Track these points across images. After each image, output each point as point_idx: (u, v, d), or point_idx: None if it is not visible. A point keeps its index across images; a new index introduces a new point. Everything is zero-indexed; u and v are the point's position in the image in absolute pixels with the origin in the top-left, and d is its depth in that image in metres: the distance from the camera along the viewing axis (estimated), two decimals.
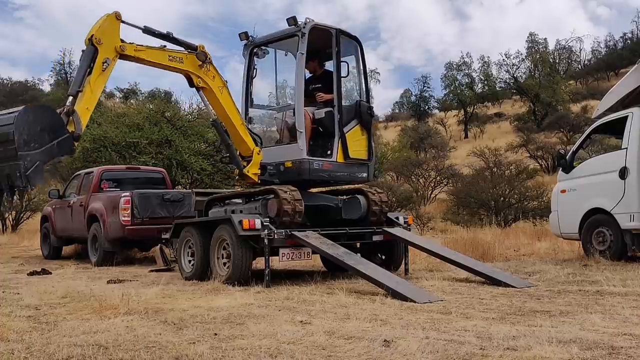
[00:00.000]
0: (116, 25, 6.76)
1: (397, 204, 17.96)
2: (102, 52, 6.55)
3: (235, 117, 7.58)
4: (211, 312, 4.97)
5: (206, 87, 7.44)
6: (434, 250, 7.36)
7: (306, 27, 7.35)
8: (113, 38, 6.70)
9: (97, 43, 6.52)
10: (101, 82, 6.61)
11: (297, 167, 7.40)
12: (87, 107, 6.44)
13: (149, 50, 7.13)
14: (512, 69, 46.42)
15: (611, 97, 8.95)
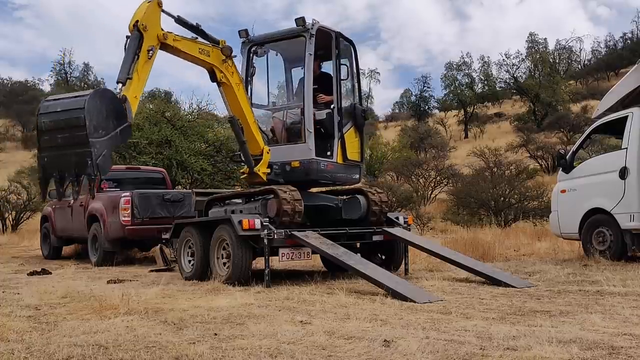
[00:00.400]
0: (158, 14, 6.65)
1: (397, 204, 17.95)
2: (147, 39, 6.41)
3: (249, 114, 7.53)
4: (211, 312, 4.97)
5: (226, 83, 7.35)
6: (434, 250, 7.36)
7: (314, 28, 7.40)
8: (156, 26, 6.58)
9: (144, 29, 6.38)
10: (147, 69, 6.46)
11: (306, 167, 7.45)
12: (135, 95, 6.30)
13: (184, 41, 6.98)
14: (512, 69, 46.40)
15: (611, 97, 8.95)
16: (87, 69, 55.27)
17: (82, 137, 5.66)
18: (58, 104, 5.88)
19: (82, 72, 54.51)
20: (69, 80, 51.25)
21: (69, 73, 51.93)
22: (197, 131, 18.37)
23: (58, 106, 5.83)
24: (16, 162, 36.41)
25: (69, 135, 5.68)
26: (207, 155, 17.95)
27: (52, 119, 5.84)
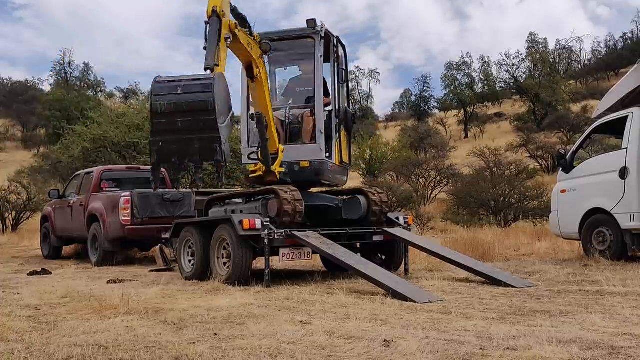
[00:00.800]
0: (229, 2, 6.52)
1: (397, 204, 17.95)
2: (224, 26, 6.21)
3: (271, 112, 7.45)
4: (211, 312, 4.97)
5: (258, 79, 7.23)
6: (434, 250, 7.36)
7: (322, 31, 7.48)
8: (228, 14, 6.45)
9: (223, 16, 6.18)
10: (225, 56, 6.23)
11: (316, 168, 7.52)
12: None
13: (242, 32, 6.78)
14: (512, 69, 46.42)
15: (611, 97, 8.95)
16: (87, 69, 55.28)
17: (210, 122, 5.33)
18: (177, 86, 5.46)
19: (82, 72, 54.52)
20: (69, 80, 51.22)
21: (69, 73, 51.91)
22: None
23: (178, 88, 5.42)
24: (16, 162, 36.44)
25: (191, 119, 5.33)
26: None
27: (171, 100, 5.39)
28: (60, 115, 38.41)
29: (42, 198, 18.40)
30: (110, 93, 57.99)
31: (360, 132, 34.41)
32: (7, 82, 59.71)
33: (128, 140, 17.24)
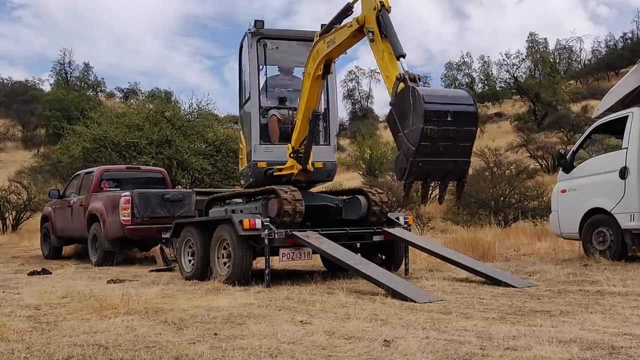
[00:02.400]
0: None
1: (397, 204, 17.94)
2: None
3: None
4: (211, 312, 4.97)
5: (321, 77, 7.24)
6: (434, 250, 7.36)
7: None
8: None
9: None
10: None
11: (329, 169, 7.86)
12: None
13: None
14: (512, 68, 46.41)
15: (611, 97, 8.95)
16: (87, 69, 55.28)
17: (466, 148, 5.56)
18: (447, 112, 5.39)
19: (82, 72, 54.52)
20: (69, 80, 51.23)
21: (69, 73, 51.91)
22: (197, 131, 18.40)
23: (447, 114, 5.38)
24: (16, 162, 36.43)
25: (452, 144, 5.43)
26: (207, 155, 17.97)
27: (441, 127, 5.37)
28: (60, 115, 38.38)
29: (42, 198, 18.42)
30: (110, 93, 58.01)
31: (360, 132, 34.40)
32: (7, 82, 59.72)
33: (128, 140, 17.23)
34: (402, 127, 5.46)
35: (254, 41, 7.84)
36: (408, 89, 5.37)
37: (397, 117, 5.54)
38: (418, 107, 5.24)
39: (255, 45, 7.83)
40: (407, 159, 5.42)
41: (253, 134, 7.78)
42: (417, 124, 5.27)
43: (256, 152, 7.73)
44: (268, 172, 7.67)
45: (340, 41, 6.68)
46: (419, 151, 5.37)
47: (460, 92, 5.70)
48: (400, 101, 5.48)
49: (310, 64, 7.15)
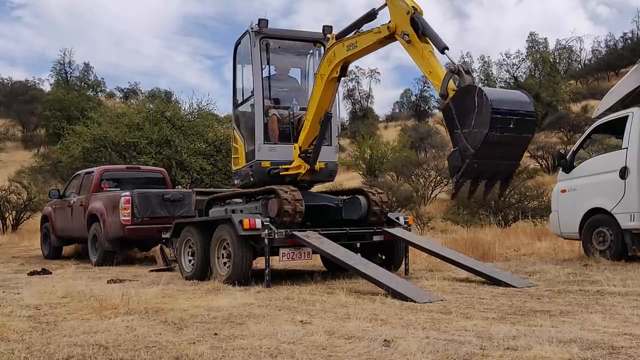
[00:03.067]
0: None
1: (397, 204, 17.94)
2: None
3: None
4: (211, 312, 4.97)
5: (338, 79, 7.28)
6: (434, 250, 7.36)
7: (333, 38, 7.54)
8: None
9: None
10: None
11: (330, 169, 7.89)
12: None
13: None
14: (512, 68, 46.39)
15: (611, 97, 8.94)
16: (87, 69, 55.24)
17: (518, 153, 5.67)
18: (510, 119, 5.38)
19: (82, 72, 54.48)
20: (69, 80, 51.20)
21: (69, 73, 51.88)
22: (197, 131, 18.39)
23: (511, 122, 5.38)
24: (16, 162, 36.41)
25: (504, 151, 5.51)
26: (206, 155, 17.97)
27: (503, 134, 5.41)
28: (60, 115, 38.35)
29: (42, 198, 18.41)
30: (110, 93, 57.99)
31: (360, 132, 34.41)
32: (7, 82, 59.64)
33: (128, 140, 17.24)
34: (462, 125, 5.43)
35: (257, 40, 7.79)
36: (474, 88, 5.36)
37: (456, 113, 5.49)
38: (485, 111, 5.22)
39: (258, 45, 7.79)
40: (462, 159, 5.45)
41: (257, 133, 7.72)
42: (481, 128, 5.27)
43: (260, 151, 7.70)
44: (272, 171, 7.65)
45: (364, 46, 6.73)
46: (477, 154, 5.41)
47: (522, 96, 5.65)
48: (462, 97, 5.43)
49: (325, 66, 7.14)
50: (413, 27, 5.99)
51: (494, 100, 5.24)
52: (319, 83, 7.24)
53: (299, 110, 8.12)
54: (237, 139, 8.25)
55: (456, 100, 5.50)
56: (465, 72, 5.55)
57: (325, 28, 7.91)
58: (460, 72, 5.54)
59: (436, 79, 5.77)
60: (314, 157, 7.51)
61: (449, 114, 5.57)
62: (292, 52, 8.42)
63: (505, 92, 5.50)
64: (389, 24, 6.26)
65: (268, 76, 7.96)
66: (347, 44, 6.87)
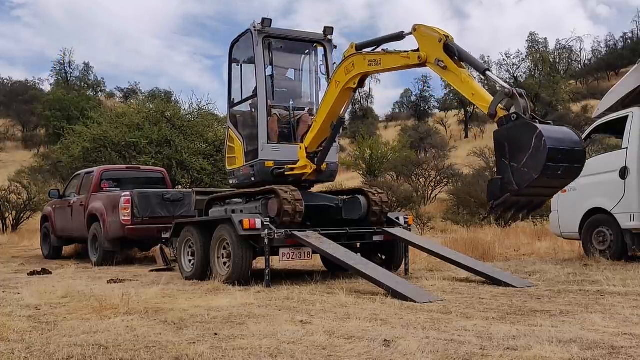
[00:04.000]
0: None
1: (397, 204, 17.95)
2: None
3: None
4: (211, 312, 4.97)
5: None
6: (434, 250, 7.36)
7: (333, 40, 7.71)
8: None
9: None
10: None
11: (332, 170, 7.92)
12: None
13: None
14: (513, 68, 46.41)
15: (611, 97, 8.94)
16: (87, 69, 55.24)
17: (556, 190, 5.83)
18: (561, 165, 5.32)
19: (82, 72, 54.49)
20: (69, 80, 51.21)
21: (69, 73, 51.89)
22: (197, 131, 18.39)
23: (560, 169, 5.31)
24: (16, 162, 36.43)
25: (545, 189, 5.57)
26: (207, 155, 17.97)
27: (550, 178, 5.39)
28: (60, 115, 38.36)
29: (42, 198, 18.42)
30: (110, 93, 57.98)
31: (360, 132, 34.41)
32: (7, 82, 59.63)
33: (128, 140, 17.24)
34: (512, 157, 5.36)
35: (260, 39, 7.74)
36: (535, 129, 5.21)
37: (508, 144, 5.41)
38: (539, 157, 5.15)
39: (261, 44, 7.75)
40: (503, 190, 5.43)
41: (260, 133, 7.68)
42: (531, 171, 5.23)
43: (264, 151, 7.68)
44: (275, 171, 7.65)
45: (388, 67, 6.78)
46: (520, 192, 5.44)
47: (578, 142, 5.51)
48: (519, 131, 5.31)
49: (341, 74, 7.11)
50: (447, 53, 6.00)
51: (551, 148, 5.14)
52: (333, 89, 7.22)
53: (297, 111, 8.12)
54: (233, 139, 8.21)
55: (512, 131, 5.37)
56: (520, 96, 5.46)
57: (326, 29, 8.00)
58: (515, 95, 5.44)
59: (480, 100, 5.76)
60: (322, 157, 7.55)
61: (501, 141, 5.49)
62: (292, 52, 8.41)
63: (561, 133, 5.38)
64: (420, 54, 6.23)
65: (271, 75, 7.96)
66: (369, 58, 6.83)
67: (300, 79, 8.52)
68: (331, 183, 9.44)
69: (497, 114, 5.51)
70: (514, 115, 5.38)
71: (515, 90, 5.49)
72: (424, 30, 6.25)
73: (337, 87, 7.16)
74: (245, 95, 8.16)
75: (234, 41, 8.26)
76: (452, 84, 6.18)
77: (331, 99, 7.24)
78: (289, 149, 7.73)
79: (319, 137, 7.50)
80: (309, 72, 8.38)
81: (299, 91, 8.49)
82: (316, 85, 8.32)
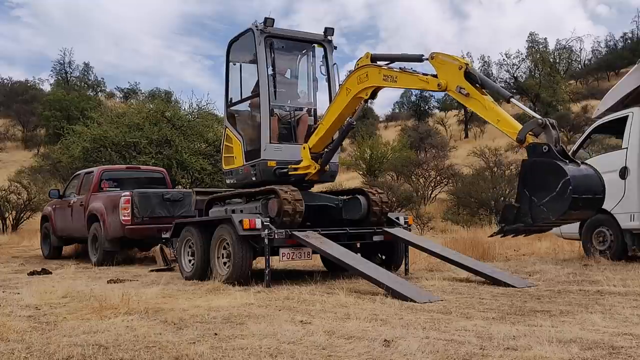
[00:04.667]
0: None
1: (397, 204, 17.95)
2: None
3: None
4: (211, 312, 4.97)
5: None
6: (434, 250, 7.36)
7: (333, 41, 7.70)
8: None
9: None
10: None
11: (332, 170, 7.92)
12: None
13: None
14: (513, 68, 46.40)
15: (611, 97, 8.95)
16: (87, 69, 55.23)
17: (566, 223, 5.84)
18: (579, 209, 5.38)
19: (82, 72, 54.48)
20: (69, 80, 51.21)
21: (69, 73, 51.90)
22: (197, 131, 18.40)
23: (577, 210, 5.37)
24: (16, 162, 36.41)
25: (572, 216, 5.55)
26: (207, 155, 17.97)
27: (565, 220, 5.54)
28: (60, 115, 38.36)
29: (42, 198, 18.41)
30: (110, 93, 57.98)
31: (360, 132, 34.41)
32: (7, 82, 59.62)
33: (128, 140, 17.25)
34: (533, 192, 5.33)
35: (262, 39, 7.71)
36: (564, 174, 5.16)
37: (534, 177, 5.38)
38: (562, 202, 5.14)
39: (263, 43, 7.71)
40: (517, 219, 5.43)
41: (263, 132, 7.65)
42: (550, 213, 5.24)
43: (266, 150, 7.66)
44: (278, 170, 7.65)
45: (403, 85, 6.78)
46: (534, 227, 5.53)
47: (600, 190, 5.54)
48: (547, 170, 5.25)
49: (353, 82, 7.07)
50: (468, 80, 5.96)
51: (575, 197, 5.12)
52: (344, 96, 7.19)
53: (297, 111, 8.12)
54: (231, 138, 8.19)
55: (541, 165, 5.33)
56: (552, 127, 5.45)
57: (327, 29, 8.01)
58: (547, 126, 5.42)
59: (507, 126, 5.75)
60: (327, 159, 7.56)
61: (528, 171, 5.46)
62: (292, 52, 8.41)
63: (587, 178, 5.40)
64: (440, 81, 6.17)
65: (273, 75, 7.96)
66: (385, 73, 6.76)
67: (299, 79, 8.52)
68: (331, 183, 9.46)
69: (526, 140, 5.48)
70: (545, 147, 5.32)
71: (548, 120, 5.47)
72: (442, 58, 6.21)
73: (348, 94, 7.12)
74: (245, 94, 8.15)
75: (232, 40, 8.24)
76: (475, 111, 6.11)
77: (340, 106, 7.22)
78: (291, 148, 7.74)
79: (325, 140, 7.52)
80: (309, 73, 8.37)
81: (298, 91, 8.49)
82: (314, 83, 8.29)
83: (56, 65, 51.13)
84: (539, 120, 5.50)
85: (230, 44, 8.28)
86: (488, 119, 6.06)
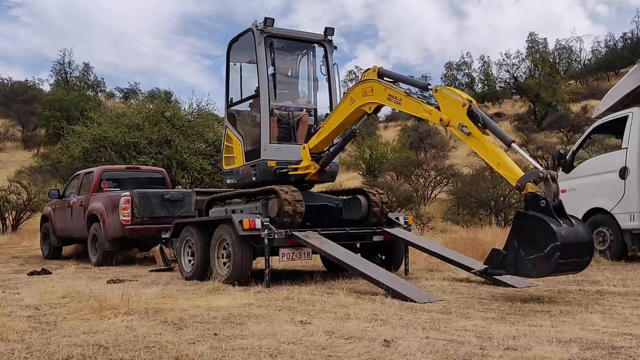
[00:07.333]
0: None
1: (397, 204, 17.95)
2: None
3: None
4: (211, 312, 4.97)
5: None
6: (434, 250, 7.36)
7: (333, 41, 7.69)
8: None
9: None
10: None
11: (333, 170, 7.95)
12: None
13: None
14: (512, 68, 46.39)
15: (611, 96, 8.95)
16: (87, 69, 55.24)
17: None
18: (564, 269, 5.45)
19: (82, 72, 54.49)
20: (69, 80, 51.22)
21: (69, 73, 51.92)
22: (196, 131, 18.41)
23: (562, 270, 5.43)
24: (16, 162, 36.41)
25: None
26: (206, 155, 17.98)
27: (551, 274, 5.43)
28: (60, 115, 38.40)
29: (42, 198, 18.41)
30: (110, 93, 58.00)
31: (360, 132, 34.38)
32: (7, 82, 59.62)
33: (128, 140, 17.26)
34: (522, 245, 5.29)
35: (262, 38, 7.70)
36: (555, 239, 5.08)
37: (525, 231, 5.34)
38: (547, 264, 5.12)
39: (263, 43, 7.70)
40: (502, 266, 5.45)
41: (263, 132, 7.65)
42: (533, 271, 5.24)
43: (266, 150, 7.66)
44: (278, 170, 7.65)
45: (406, 110, 6.72)
46: (515, 275, 5.60)
47: (588, 252, 5.55)
48: (540, 229, 5.20)
49: (358, 93, 7.04)
50: (471, 118, 5.88)
51: (561, 262, 5.10)
52: (347, 105, 7.18)
53: (296, 111, 8.12)
54: (231, 138, 8.19)
55: (534, 223, 5.26)
56: (552, 180, 5.41)
57: (327, 29, 8.02)
58: (547, 179, 5.39)
59: (507, 170, 5.64)
60: (328, 160, 7.58)
61: (521, 224, 5.42)
62: (292, 52, 8.41)
63: (577, 239, 5.31)
64: (442, 116, 6.10)
65: (273, 75, 7.96)
66: (390, 92, 6.70)
67: (300, 79, 8.53)
68: (331, 183, 9.45)
69: (526, 188, 5.44)
70: (543, 202, 5.28)
71: (549, 173, 5.44)
72: (445, 93, 6.15)
73: (352, 104, 7.12)
74: (245, 94, 8.15)
75: (232, 40, 8.24)
76: (476, 150, 5.99)
77: (343, 114, 7.22)
78: (291, 148, 7.74)
79: (325, 142, 7.54)
80: (309, 73, 8.37)
81: (298, 91, 8.49)
82: (315, 83, 8.29)
83: (56, 65, 51.19)
84: (540, 173, 5.42)
85: (230, 44, 8.28)
86: (488, 161, 5.94)
